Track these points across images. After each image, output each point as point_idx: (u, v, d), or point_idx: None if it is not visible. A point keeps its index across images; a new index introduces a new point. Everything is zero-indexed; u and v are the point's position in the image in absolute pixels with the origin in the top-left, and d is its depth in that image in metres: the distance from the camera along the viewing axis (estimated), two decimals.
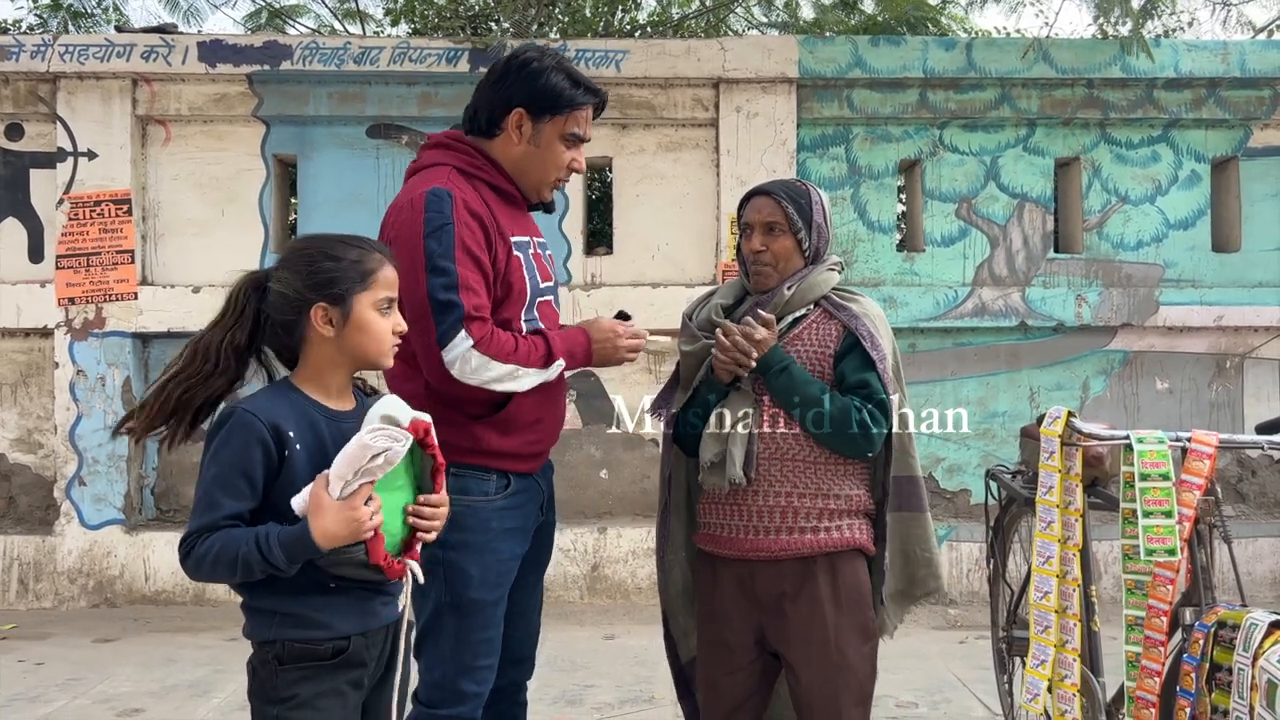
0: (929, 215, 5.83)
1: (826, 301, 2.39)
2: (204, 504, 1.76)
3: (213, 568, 1.75)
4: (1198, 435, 2.42)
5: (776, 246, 2.35)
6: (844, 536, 2.31)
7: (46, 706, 3.95)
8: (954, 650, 4.66)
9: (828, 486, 2.32)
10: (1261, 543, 5.54)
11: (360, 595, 1.85)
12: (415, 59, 5.57)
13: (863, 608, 2.32)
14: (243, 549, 1.72)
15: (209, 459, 1.78)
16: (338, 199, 5.67)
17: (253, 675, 1.87)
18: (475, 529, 2.23)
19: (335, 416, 1.89)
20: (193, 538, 1.76)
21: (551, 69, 2.29)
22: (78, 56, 5.52)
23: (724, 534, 2.36)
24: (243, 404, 1.80)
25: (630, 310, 2.60)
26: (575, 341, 2.32)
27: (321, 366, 1.89)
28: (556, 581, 5.44)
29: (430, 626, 2.27)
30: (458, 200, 2.18)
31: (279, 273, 1.88)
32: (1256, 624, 2.14)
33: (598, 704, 3.95)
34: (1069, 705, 2.47)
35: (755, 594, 2.34)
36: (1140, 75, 5.66)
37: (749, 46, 5.76)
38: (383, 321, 1.89)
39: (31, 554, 5.48)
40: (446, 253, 2.13)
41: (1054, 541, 2.54)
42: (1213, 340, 5.80)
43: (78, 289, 5.56)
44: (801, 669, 2.29)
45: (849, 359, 2.32)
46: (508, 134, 2.30)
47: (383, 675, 1.94)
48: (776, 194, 2.36)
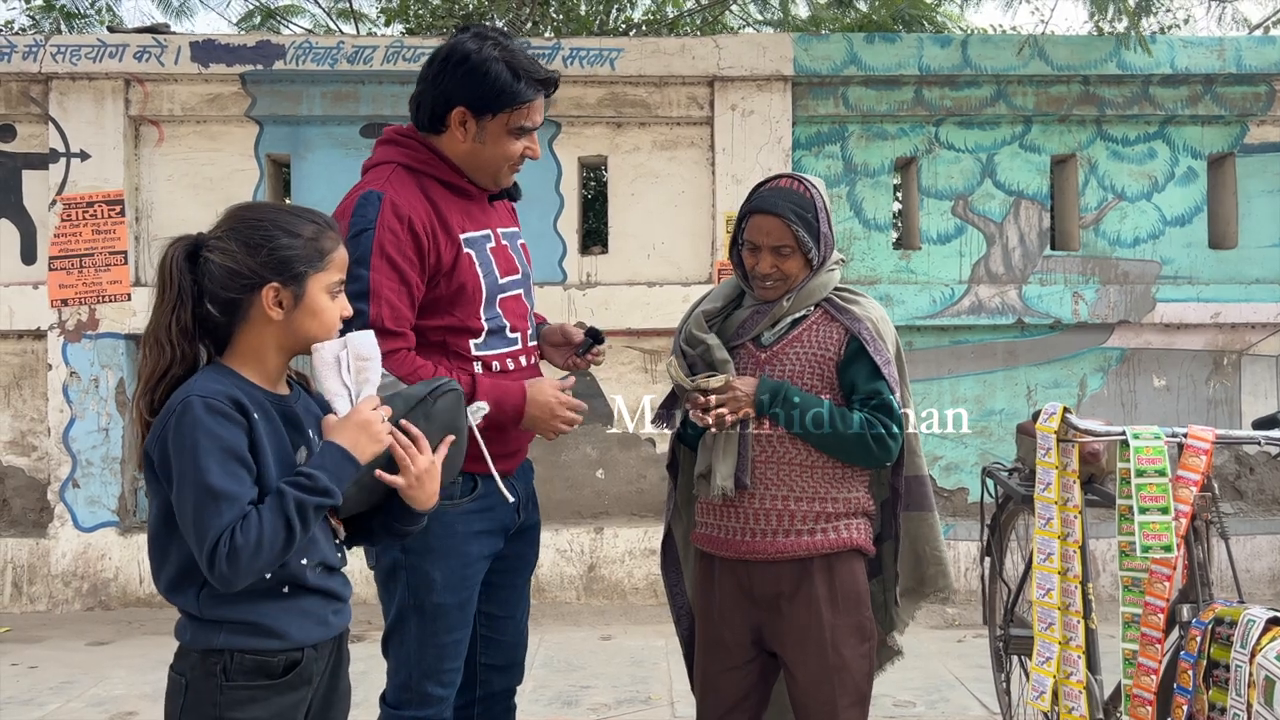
0: (925, 213, 5.82)
1: (828, 303, 2.34)
2: (211, 506, 1.57)
3: (268, 549, 1.57)
4: (1194, 431, 2.41)
5: (786, 266, 2.27)
6: (841, 538, 2.29)
7: (40, 710, 3.93)
8: (952, 649, 4.64)
9: (825, 490, 2.30)
10: (1260, 540, 5.53)
11: (315, 602, 1.73)
12: (409, 58, 5.55)
13: (860, 608, 2.31)
14: (288, 504, 1.58)
15: (184, 458, 1.60)
16: (332, 199, 5.51)
17: (184, 691, 1.67)
18: (439, 533, 2.16)
19: (279, 401, 1.74)
20: (223, 539, 1.56)
21: (491, 60, 2.14)
22: (70, 57, 5.50)
23: (721, 535, 2.35)
24: (192, 392, 1.63)
25: (626, 309, 2.57)
26: (508, 393, 2.17)
27: (261, 350, 1.73)
28: (553, 582, 5.43)
29: (394, 629, 2.24)
30: (386, 203, 2.11)
31: (223, 244, 1.70)
32: (1254, 620, 2.12)
33: (594, 704, 3.93)
34: (1076, 703, 2.47)
35: (753, 593, 2.32)
36: (1136, 72, 5.65)
37: (744, 44, 5.74)
38: (333, 306, 1.76)
39: (25, 557, 5.45)
40: (361, 259, 2.05)
41: (1054, 538, 2.54)
42: (1210, 337, 5.79)
43: (71, 290, 5.54)
44: (798, 669, 2.28)
45: (856, 367, 2.29)
46: (452, 131, 2.21)
47: (325, 698, 1.79)
48: (785, 216, 2.22)
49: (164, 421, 1.64)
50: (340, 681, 1.85)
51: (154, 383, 1.69)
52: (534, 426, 2.24)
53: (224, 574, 1.57)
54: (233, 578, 1.58)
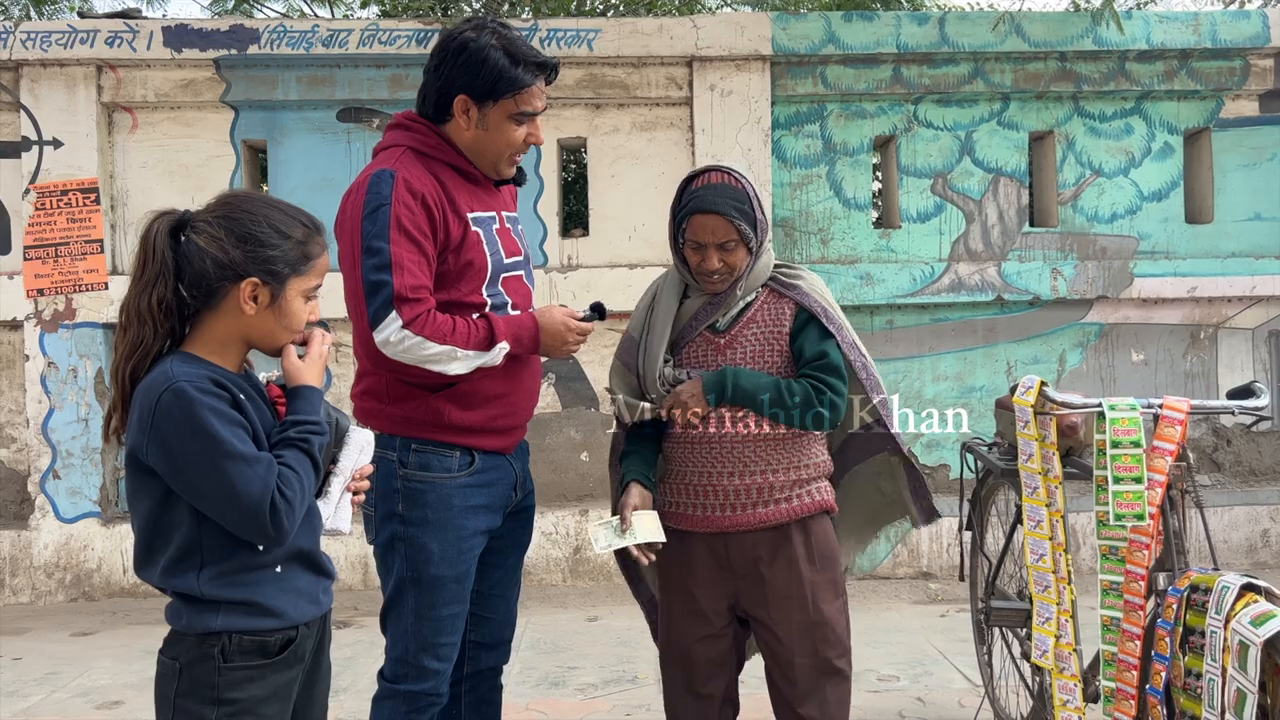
0: (904, 191, 5.83)
1: (773, 281, 2.44)
2: (248, 471, 1.62)
3: (309, 491, 1.72)
4: (1169, 402, 2.44)
5: (732, 260, 2.36)
6: (815, 500, 2.41)
7: (25, 701, 3.92)
8: (935, 624, 4.69)
9: (798, 458, 2.40)
10: (1237, 511, 5.60)
11: (308, 580, 1.79)
12: (385, 41, 5.51)
13: (834, 565, 2.43)
14: (311, 447, 1.71)
15: (196, 440, 1.62)
16: (309, 184, 5.60)
17: (178, 675, 1.70)
18: (436, 505, 2.24)
19: (247, 378, 1.79)
20: (276, 497, 1.63)
21: (490, 48, 2.21)
22: (40, 43, 5.42)
23: (699, 513, 2.40)
24: (176, 379, 1.65)
25: (608, 292, 2.61)
26: (523, 327, 2.29)
27: (226, 340, 1.75)
28: (538, 564, 5.44)
29: (392, 602, 2.29)
30: (399, 180, 2.17)
31: (211, 229, 1.71)
32: (1228, 587, 2.16)
33: (581, 685, 3.96)
34: (1067, 664, 2.55)
35: (729, 562, 2.39)
36: (1112, 47, 5.67)
37: (722, 24, 5.72)
38: (304, 310, 1.79)
39: (7, 549, 5.42)
40: (380, 233, 2.13)
41: (1042, 506, 2.60)
42: (1187, 311, 5.84)
43: (46, 280, 5.48)
44: (781, 627, 2.36)
45: (805, 334, 2.39)
46: (456, 120, 2.27)
47: (309, 675, 1.84)
48: (727, 213, 2.30)
49: (151, 414, 1.64)
50: (323, 659, 1.89)
51: (136, 358, 1.70)
52: (549, 351, 2.34)
53: (284, 527, 1.65)
54: (290, 527, 1.67)
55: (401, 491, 2.25)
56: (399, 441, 2.25)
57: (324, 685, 1.90)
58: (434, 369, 2.18)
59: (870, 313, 5.74)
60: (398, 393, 2.26)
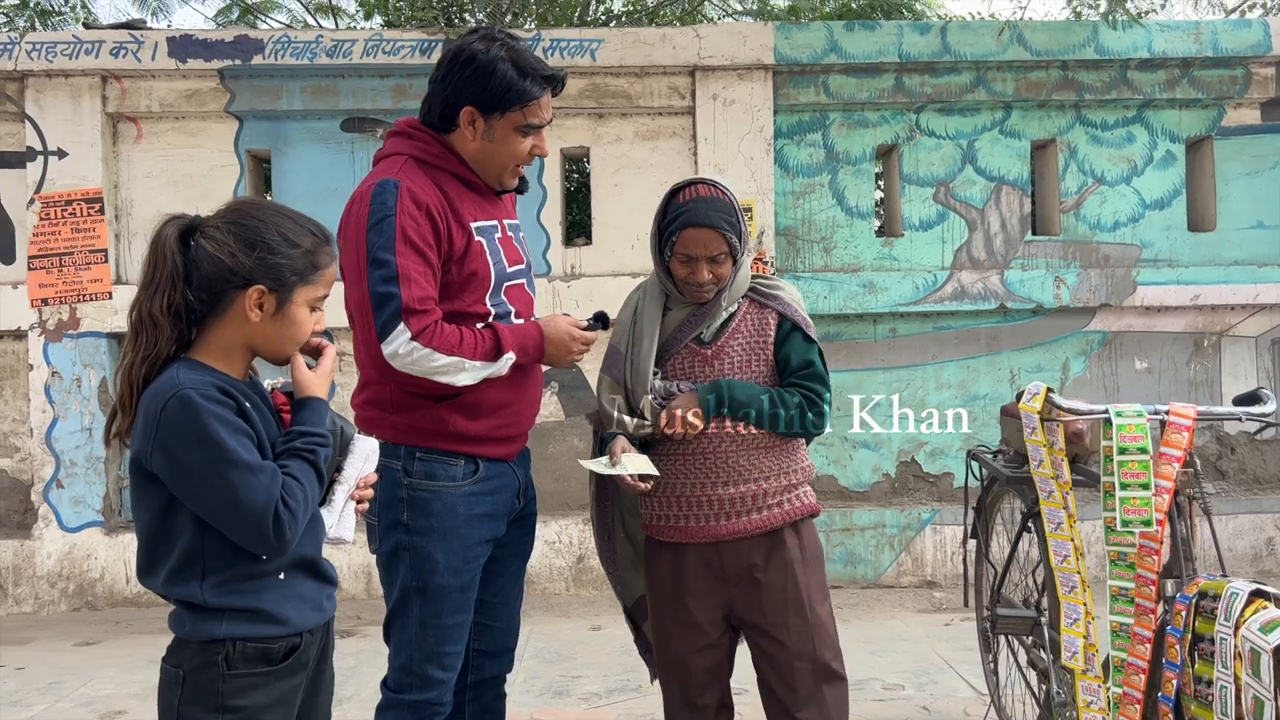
0: (907, 200, 5.83)
1: (753, 292, 2.48)
2: (252, 480, 1.61)
3: (312, 500, 1.71)
4: (1176, 408, 2.44)
5: (721, 271, 2.38)
6: (805, 504, 2.46)
7: (28, 711, 3.91)
8: (940, 633, 4.68)
9: (788, 463, 2.45)
10: (1242, 519, 5.59)
11: (311, 587, 1.78)
12: (389, 51, 5.53)
13: (823, 568, 2.49)
14: (317, 458, 1.71)
15: (202, 448, 1.61)
16: (313, 194, 5.61)
17: (182, 682, 1.69)
18: (442, 514, 2.24)
19: (252, 385, 1.79)
20: (279, 507, 1.62)
21: (498, 60, 2.21)
22: (45, 54, 5.45)
23: (693, 524, 2.40)
24: (182, 386, 1.64)
25: (610, 301, 2.62)
26: (528, 336, 2.29)
27: (230, 347, 1.74)
28: (542, 573, 5.43)
29: (397, 611, 2.28)
30: (403, 191, 2.16)
31: (220, 235, 1.70)
32: (1237, 593, 2.15)
33: (585, 694, 3.94)
34: (1090, 665, 2.56)
35: (723, 570, 2.41)
36: (1114, 56, 5.68)
37: (724, 34, 5.74)
38: (309, 320, 1.78)
39: (10, 558, 5.41)
40: (386, 244, 2.12)
41: (1059, 509, 2.60)
42: (1190, 319, 5.84)
43: (51, 290, 5.49)
44: (780, 631, 2.37)
45: (790, 343, 2.44)
46: (462, 130, 2.26)
47: (313, 683, 1.84)
48: (719, 227, 2.32)
49: (156, 421, 1.63)
50: (326, 667, 1.88)
51: (147, 362, 1.69)
52: (553, 360, 2.35)
53: (286, 537, 1.65)
54: (292, 538, 1.67)
55: (406, 500, 2.25)
56: (404, 450, 2.25)
57: (327, 693, 1.90)
58: (441, 380, 2.17)
59: (873, 321, 5.74)
60: (402, 402, 2.25)
